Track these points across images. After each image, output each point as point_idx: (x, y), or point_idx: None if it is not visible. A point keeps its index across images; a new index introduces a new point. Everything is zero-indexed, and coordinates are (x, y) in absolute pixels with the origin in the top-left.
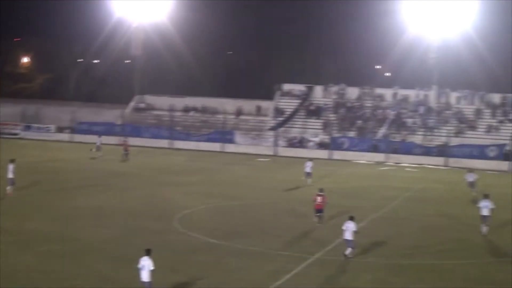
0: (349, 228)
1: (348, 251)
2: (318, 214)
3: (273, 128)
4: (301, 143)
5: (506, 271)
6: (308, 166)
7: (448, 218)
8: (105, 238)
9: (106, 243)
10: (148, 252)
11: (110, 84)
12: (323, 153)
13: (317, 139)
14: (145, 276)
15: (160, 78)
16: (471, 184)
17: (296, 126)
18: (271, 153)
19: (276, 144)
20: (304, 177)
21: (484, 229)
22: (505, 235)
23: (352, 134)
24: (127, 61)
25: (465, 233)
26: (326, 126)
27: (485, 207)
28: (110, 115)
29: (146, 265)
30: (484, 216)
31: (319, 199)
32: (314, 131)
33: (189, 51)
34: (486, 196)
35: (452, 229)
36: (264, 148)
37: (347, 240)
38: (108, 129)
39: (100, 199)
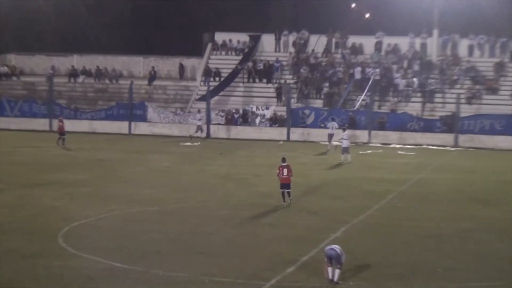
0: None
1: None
2: (286, 191)
3: (203, 98)
4: (244, 118)
5: None
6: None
7: (457, 222)
8: None
9: None
10: None
11: None
12: (276, 132)
13: (267, 113)
14: None
15: (32, 29)
16: None
17: (237, 94)
18: (201, 134)
19: (208, 122)
20: (329, 147)
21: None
22: None
23: (318, 104)
24: None
25: (484, 244)
26: (280, 94)
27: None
28: None
29: None
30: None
31: (285, 171)
32: (263, 100)
33: None
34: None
35: (464, 239)
36: (191, 127)
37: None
38: None
39: None
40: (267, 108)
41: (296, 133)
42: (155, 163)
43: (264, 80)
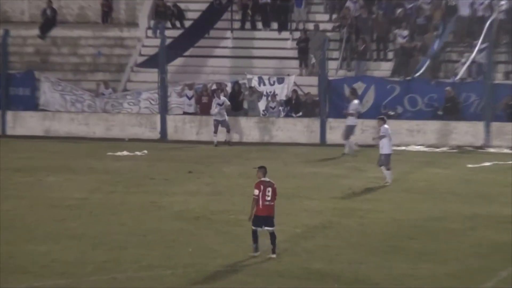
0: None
1: None
2: (268, 229)
3: (151, 62)
4: (235, 101)
5: None
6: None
7: None
8: None
9: None
10: None
11: None
12: (298, 128)
13: (281, 89)
14: None
15: None
16: None
17: (219, 54)
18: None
19: (162, 109)
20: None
21: None
22: None
23: (383, 70)
24: None
25: None
26: (307, 51)
27: None
28: None
29: None
30: None
31: (268, 193)
32: (271, 66)
33: None
34: None
35: None
36: (131, 120)
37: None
38: None
39: None
40: (279, 81)
41: (339, 130)
42: (57, 193)
43: (274, 25)
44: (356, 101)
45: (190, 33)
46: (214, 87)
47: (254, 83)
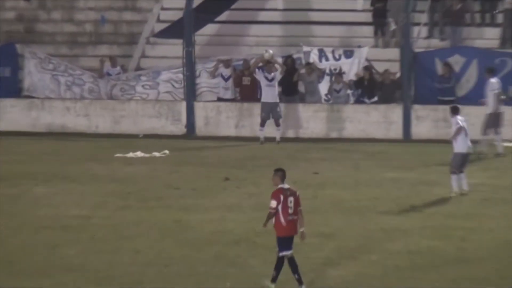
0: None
1: None
2: (288, 254)
3: (171, 31)
4: (288, 82)
5: None
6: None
7: None
8: None
9: None
10: None
11: None
12: (375, 117)
13: (350, 66)
14: None
15: None
16: None
17: (264, 18)
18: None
19: (188, 95)
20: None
21: None
22: None
23: (488, 39)
24: None
25: None
26: (384, 16)
27: None
28: None
29: None
30: None
31: (290, 205)
32: (336, 34)
33: None
34: None
35: None
36: (148, 110)
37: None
38: None
39: None
40: (347, 55)
41: (428, 120)
42: (49, 209)
43: None
44: (494, 80)
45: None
46: (259, 64)
47: (313, 57)
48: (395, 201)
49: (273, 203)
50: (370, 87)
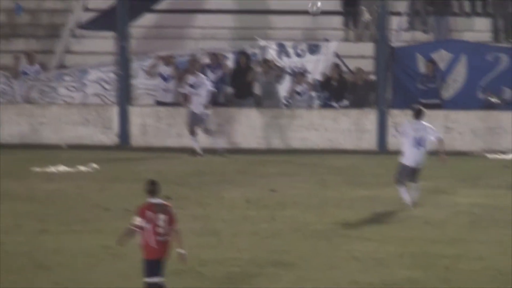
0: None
1: None
2: (157, 282)
3: (101, 22)
4: (240, 82)
5: None
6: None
7: None
8: None
9: None
10: None
11: None
12: (346, 124)
13: (314, 63)
14: None
15: None
16: None
17: (215, 7)
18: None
19: (120, 98)
20: None
21: None
22: None
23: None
24: None
25: None
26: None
27: None
28: None
29: None
30: None
31: (160, 223)
32: (297, 26)
33: None
34: None
35: None
36: (68, 112)
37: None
38: None
39: None
40: (312, 50)
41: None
42: None
43: None
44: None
45: None
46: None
47: (272, 53)
48: (368, 224)
49: (137, 220)
50: (339, 89)
